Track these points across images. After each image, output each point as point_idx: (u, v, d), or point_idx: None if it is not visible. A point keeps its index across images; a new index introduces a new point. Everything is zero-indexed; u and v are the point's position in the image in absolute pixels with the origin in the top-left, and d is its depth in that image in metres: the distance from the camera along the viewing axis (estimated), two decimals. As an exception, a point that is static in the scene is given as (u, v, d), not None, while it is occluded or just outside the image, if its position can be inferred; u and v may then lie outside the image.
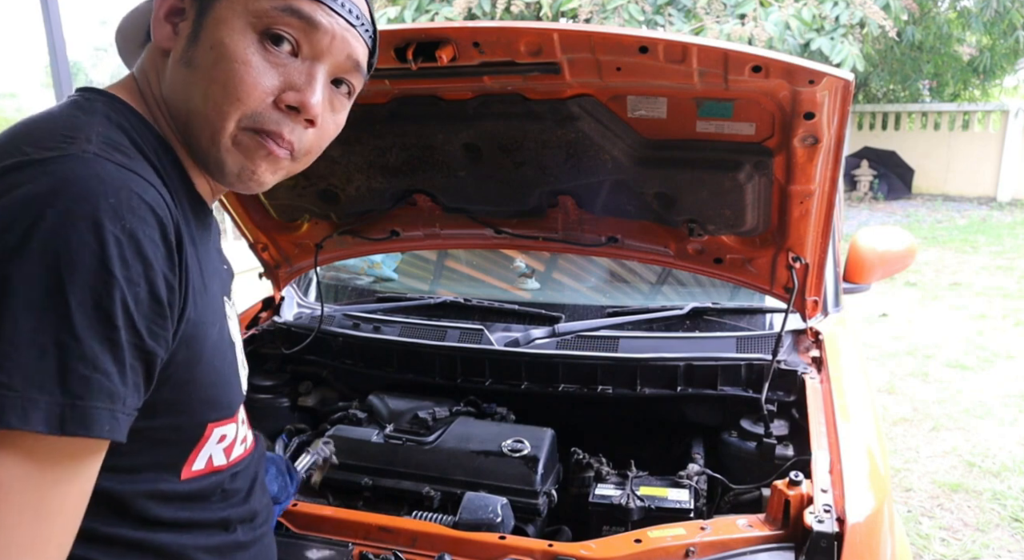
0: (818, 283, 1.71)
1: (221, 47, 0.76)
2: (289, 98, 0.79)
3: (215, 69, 0.76)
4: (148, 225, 0.66)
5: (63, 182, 0.62)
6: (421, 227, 1.93)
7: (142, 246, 0.65)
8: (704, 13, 5.48)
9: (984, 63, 10.32)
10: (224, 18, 0.76)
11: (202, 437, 0.81)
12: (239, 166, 0.81)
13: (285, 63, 0.79)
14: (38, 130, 0.70)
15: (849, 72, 1.24)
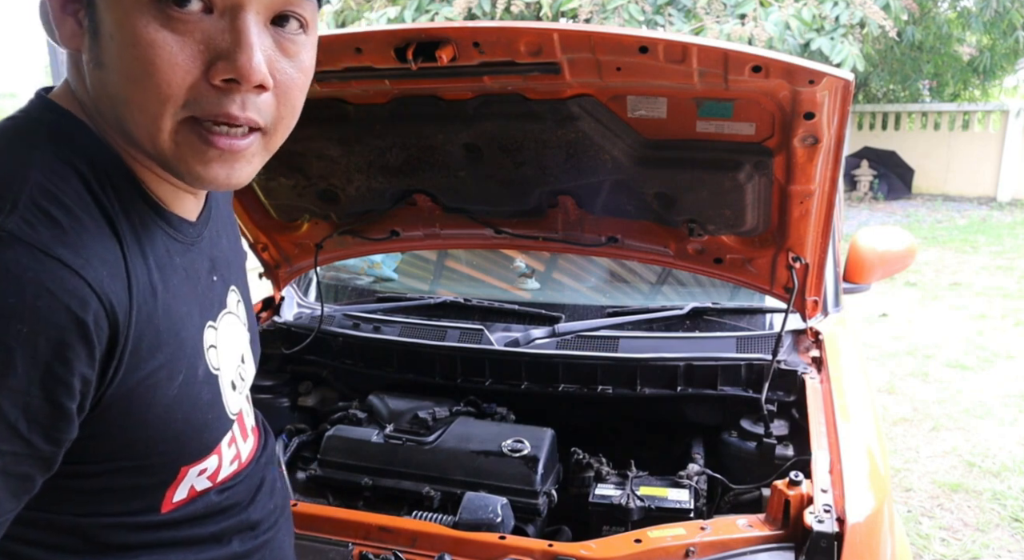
0: (818, 283, 1.71)
1: (120, 34, 0.62)
2: (220, 71, 0.64)
3: (124, 64, 0.63)
4: (55, 327, 0.59)
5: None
6: (421, 227, 1.93)
7: (38, 351, 0.58)
8: (704, 13, 5.48)
9: (984, 63, 10.31)
10: (118, 3, 0.62)
11: (175, 480, 0.76)
12: (196, 169, 0.68)
13: (201, 26, 0.63)
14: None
15: (849, 72, 1.24)
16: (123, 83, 0.64)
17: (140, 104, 0.64)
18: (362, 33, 1.37)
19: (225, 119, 0.66)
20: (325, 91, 1.51)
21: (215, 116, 0.66)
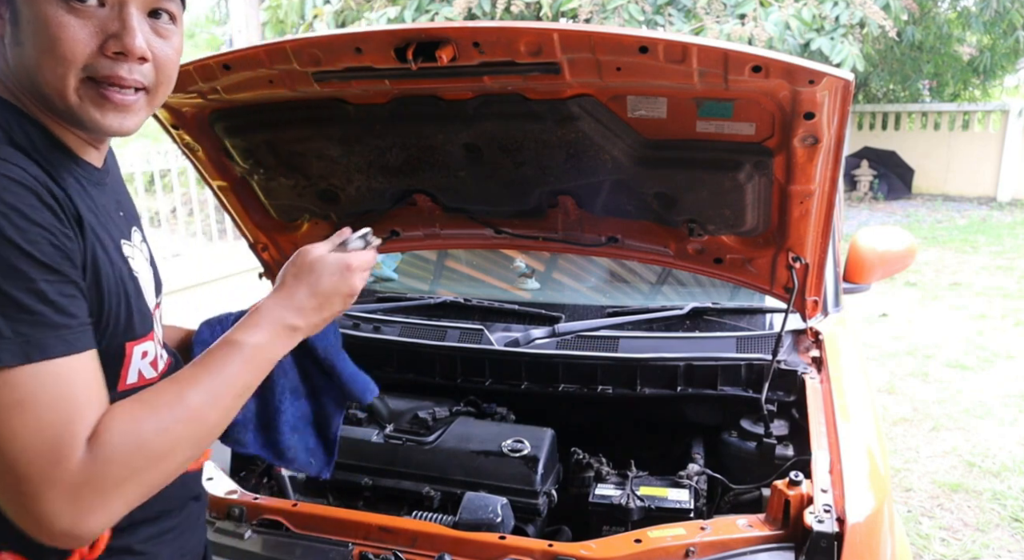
0: (818, 283, 1.71)
1: (36, 20, 0.84)
2: (111, 46, 0.86)
3: (38, 40, 0.84)
4: (25, 197, 0.79)
5: None
6: (421, 227, 1.93)
7: (26, 213, 0.78)
8: (704, 13, 5.48)
9: (984, 63, 10.30)
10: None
11: (125, 356, 0.92)
12: (96, 117, 0.88)
13: (95, 15, 0.85)
14: None
15: (849, 72, 1.24)
16: (37, 54, 0.85)
17: (51, 68, 0.85)
18: (362, 33, 1.37)
19: (117, 81, 0.88)
20: (325, 91, 1.50)
21: (109, 78, 0.87)
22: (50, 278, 0.78)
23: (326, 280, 1.04)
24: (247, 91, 1.54)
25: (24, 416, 0.75)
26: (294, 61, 1.41)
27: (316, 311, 1.03)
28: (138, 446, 0.81)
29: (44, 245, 0.78)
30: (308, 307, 1.03)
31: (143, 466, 0.81)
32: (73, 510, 0.75)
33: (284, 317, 1.00)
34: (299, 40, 1.40)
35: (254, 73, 1.48)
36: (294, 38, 1.40)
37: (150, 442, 0.82)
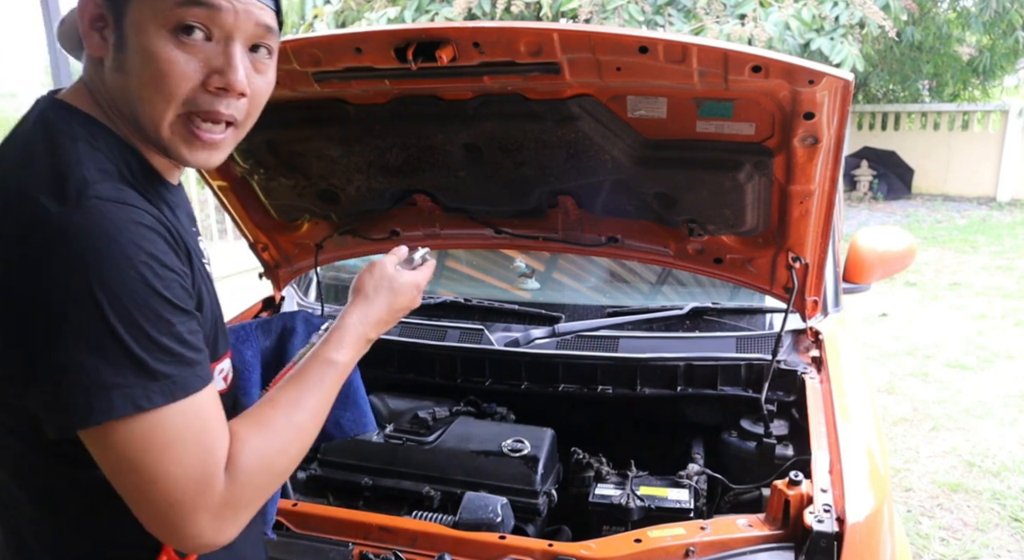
0: (818, 283, 1.71)
1: (144, 52, 0.84)
2: (215, 82, 0.87)
3: (144, 72, 0.85)
4: (158, 243, 0.82)
5: (92, 237, 0.78)
6: (421, 227, 1.93)
7: (161, 259, 0.82)
8: (704, 13, 5.48)
9: (984, 63, 10.30)
10: (138, 23, 0.84)
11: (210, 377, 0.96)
12: (183, 153, 0.91)
13: (202, 49, 0.86)
14: (39, 169, 0.83)
15: (849, 72, 1.24)
16: (140, 86, 0.86)
17: (153, 101, 0.86)
18: (362, 33, 1.37)
19: (213, 116, 0.89)
20: (325, 91, 1.50)
21: (207, 113, 0.89)
22: (183, 319, 0.83)
23: (402, 298, 1.13)
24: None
25: (174, 452, 0.80)
26: (294, 61, 1.41)
27: (388, 324, 1.13)
28: (266, 468, 0.88)
29: (176, 288, 0.83)
30: (384, 321, 1.11)
31: (268, 483, 0.89)
32: (216, 527, 0.83)
33: (366, 332, 1.08)
34: (299, 40, 1.40)
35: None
36: (294, 38, 1.40)
37: (274, 463, 0.89)
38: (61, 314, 0.77)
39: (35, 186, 0.81)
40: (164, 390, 0.80)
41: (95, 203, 0.79)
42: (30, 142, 0.87)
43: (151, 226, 0.82)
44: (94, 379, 0.77)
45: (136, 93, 0.86)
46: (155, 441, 0.79)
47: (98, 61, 0.89)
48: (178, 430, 0.80)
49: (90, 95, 0.91)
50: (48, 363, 0.78)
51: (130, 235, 0.79)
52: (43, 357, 0.78)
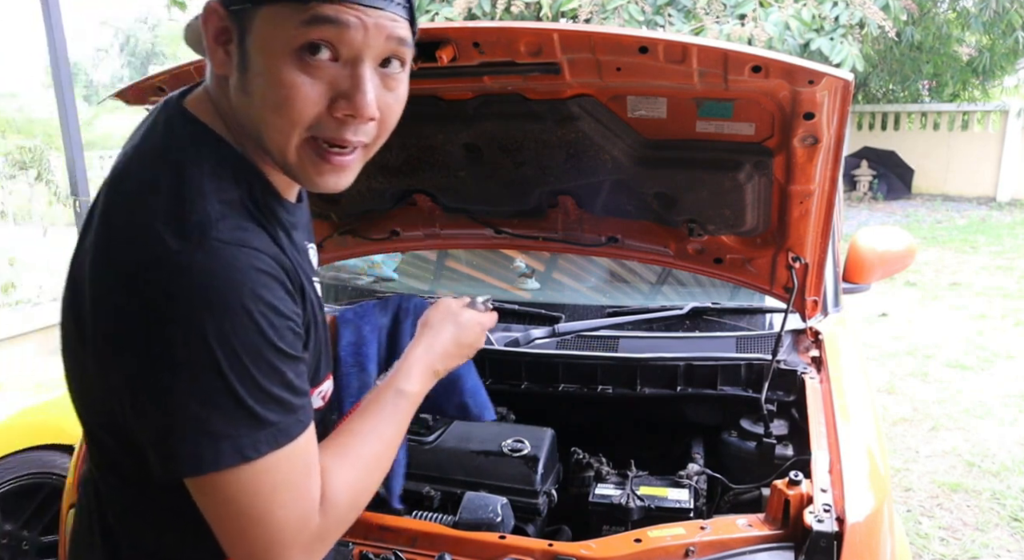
0: (818, 283, 1.71)
1: (267, 74, 0.80)
2: (342, 109, 0.82)
3: (267, 96, 0.81)
4: (276, 290, 0.81)
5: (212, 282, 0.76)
6: (421, 227, 1.93)
7: (279, 308, 0.80)
8: (704, 13, 5.47)
9: (984, 63, 10.29)
10: (262, 43, 0.79)
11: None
12: (312, 177, 0.88)
13: (328, 71, 0.81)
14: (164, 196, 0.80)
15: (849, 72, 1.24)
16: (265, 110, 0.82)
17: (277, 127, 0.82)
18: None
19: (341, 143, 0.85)
20: (325, 91, 1.50)
21: (332, 139, 0.85)
22: (292, 366, 0.82)
23: (467, 333, 1.16)
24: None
25: (278, 496, 0.80)
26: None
27: (454, 359, 1.15)
28: (353, 501, 0.90)
29: (289, 337, 0.82)
30: (450, 354, 1.13)
31: (352, 513, 0.91)
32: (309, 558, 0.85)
33: (433, 363, 1.10)
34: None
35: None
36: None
37: (359, 495, 0.91)
38: (175, 359, 0.76)
39: (159, 215, 0.79)
40: (270, 438, 0.79)
41: (217, 245, 0.77)
42: (157, 159, 0.84)
43: (270, 272, 0.81)
44: (204, 429, 0.76)
45: (260, 117, 0.82)
46: (260, 487, 0.79)
47: (223, 78, 0.84)
48: (282, 475, 0.80)
49: (215, 109, 0.87)
50: (159, 405, 0.77)
51: (251, 284, 0.78)
52: (154, 397, 0.77)
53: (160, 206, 0.79)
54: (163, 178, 0.82)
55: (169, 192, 0.80)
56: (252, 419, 0.78)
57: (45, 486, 2.36)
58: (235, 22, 0.80)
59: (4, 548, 2.31)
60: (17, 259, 5.69)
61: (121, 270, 0.78)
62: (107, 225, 0.82)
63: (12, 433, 2.32)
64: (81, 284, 0.84)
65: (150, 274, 0.76)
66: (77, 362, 0.88)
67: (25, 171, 6.93)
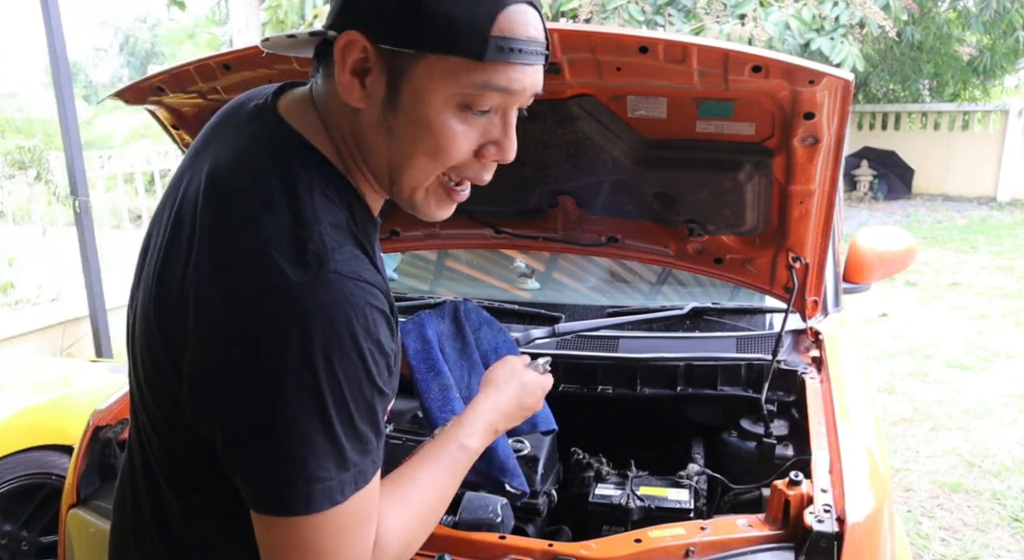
0: (818, 283, 1.71)
1: (425, 121, 0.80)
2: (492, 154, 0.86)
3: (421, 141, 0.81)
4: (384, 327, 0.80)
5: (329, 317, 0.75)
6: (421, 227, 1.93)
7: (383, 345, 0.80)
8: (704, 13, 5.48)
9: (984, 63, 10.29)
10: (423, 91, 0.79)
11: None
12: (432, 210, 0.90)
13: (480, 121, 0.83)
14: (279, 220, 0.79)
15: (849, 72, 1.24)
16: (416, 152, 0.82)
17: (425, 167, 0.84)
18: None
19: (477, 182, 0.89)
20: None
21: (472, 179, 0.89)
22: (383, 402, 0.82)
23: (530, 396, 1.17)
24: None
25: (343, 537, 0.79)
26: (294, 61, 1.41)
27: (514, 419, 1.15)
28: (404, 547, 0.88)
29: (386, 373, 0.82)
30: (512, 415, 1.14)
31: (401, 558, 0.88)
32: None
33: (495, 422, 1.10)
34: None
35: (254, 73, 1.48)
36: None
37: (410, 542, 0.89)
38: (282, 394, 0.74)
39: (274, 241, 0.77)
40: (351, 482, 0.78)
41: (335, 279, 0.76)
42: (265, 176, 0.82)
43: (381, 308, 0.80)
44: (299, 470, 0.75)
45: (406, 156, 0.83)
46: (330, 530, 0.78)
47: (352, 109, 0.83)
48: (352, 516, 0.79)
49: (323, 129, 0.86)
50: (256, 436, 0.76)
51: (364, 321, 0.77)
52: (253, 430, 0.76)
53: (275, 231, 0.78)
54: (276, 199, 0.80)
55: (284, 214, 0.79)
56: (341, 460, 0.77)
57: (45, 486, 2.36)
58: (386, 61, 0.79)
59: (4, 548, 2.31)
60: (16, 259, 5.69)
61: (235, 295, 0.77)
62: (217, 242, 0.80)
63: (12, 433, 2.32)
64: (175, 294, 0.82)
65: (266, 303, 0.75)
66: (158, 370, 0.86)
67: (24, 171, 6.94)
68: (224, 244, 0.80)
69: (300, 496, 0.75)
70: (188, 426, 0.84)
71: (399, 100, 0.80)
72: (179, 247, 0.84)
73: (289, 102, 0.88)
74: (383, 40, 0.78)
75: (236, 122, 0.90)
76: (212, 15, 13.66)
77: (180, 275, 0.82)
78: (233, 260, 0.78)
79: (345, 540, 0.79)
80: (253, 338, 0.75)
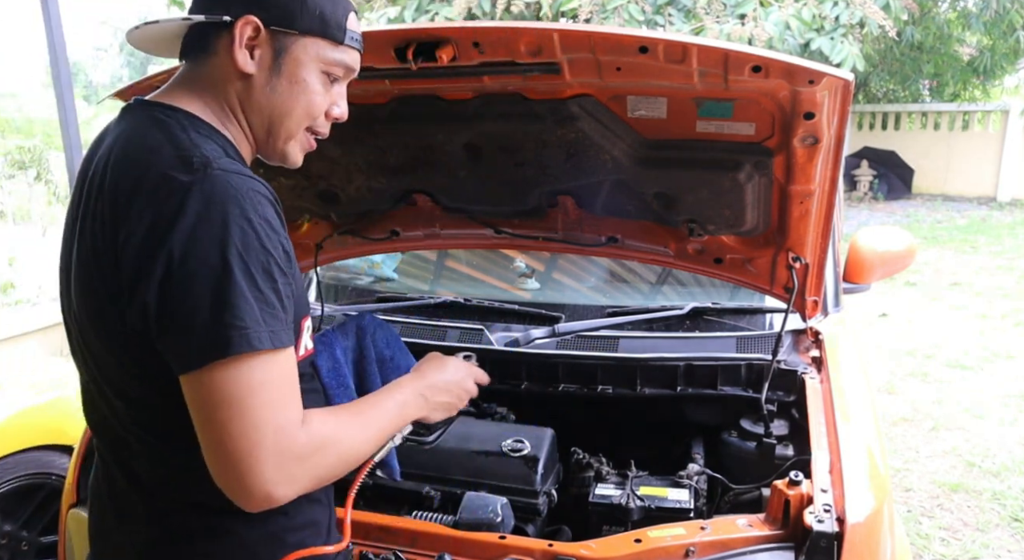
0: (818, 283, 1.71)
1: (303, 83, 1.06)
2: (335, 113, 1.12)
3: (296, 97, 1.06)
4: (269, 208, 0.96)
5: (215, 196, 0.92)
6: (421, 227, 1.93)
7: (272, 224, 0.95)
8: (704, 13, 5.47)
9: (984, 63, 10.30)
10: (301, 60, 1.05)
11: (300, 330, 1.06)
12: (295, 155, 1.13)
13: (333, 89, 1.11)
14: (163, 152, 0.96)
15: (849, 72, 1.24)
16: (291, 107, 1.07)
17: (297, 119, 1.08)
18: (362, 33, 1.37)
19: (321, 134, 1.14)
20: (325, 91, 1.50)
21: (319, 132, 1.13)
22: (284, 280, 0.96)
23: (451, 373, 1.31)
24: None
25: (264, 395, 0.90)
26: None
27: (440, 392, 1.27)
28: (334, 449, 0.99)
29: (280, 251, 0.95)
30: (436, 387, 1.27)
31: (329, 463, 0.99)
32: (280, 479, 0.91)
33: (418, 388, 1.24)
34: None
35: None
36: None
37: (339, 447, 1.00)
38: (192, 266, 0.89)
39: (164, 163, 0.94)
40: (268, 338, 0.90)
41: (220, 174, 0.93)
42: (146, 134, 0.99)
43: (264, 194, 0.96)
44: (217, 319, 0.88)
45: (283, 110, 1.06)
46: (252, 382, 0.89)
47: (239, 75, 1.04)
48: (270, 376, 0.91)
49: (194, 97, 1.05)
50: (177, 302, 0.89)
51: (251, 201, 0.93)
52: (172, 295, 0.90)
53: (163, 157, 0.95)
54: (159, 141, 0.97)
55: (167, 148, 0.96)
56: (252, 315, 0.90)
57: (45, 486, 2.36)
58: (273, 39, 1.03)
59: (4, 548, 2.31)
60: (16, 259, 5.69)
61: (142, 214, 0.92)
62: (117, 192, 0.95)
63: (12, 433, 2.32)
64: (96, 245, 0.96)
65: (167, 204, 0.90)
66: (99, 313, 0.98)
67: (24, 171, 6.93)
68: (123, 188, 0.96)
69: (220, 340, 0.88)
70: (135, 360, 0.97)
71: (282, 68, 1.05)
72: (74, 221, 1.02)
73: (157, 95, 1.07)
74: (274, 23, 1.03)
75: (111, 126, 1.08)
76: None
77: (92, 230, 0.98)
78: (137, 192, 0.94)
79: (268, 399, 0.90)
80: (159, 230, 0.90)
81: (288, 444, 0.91)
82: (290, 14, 1.03)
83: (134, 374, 0.99)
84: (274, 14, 1.03)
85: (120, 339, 0.97)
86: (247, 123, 1.08)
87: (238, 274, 0.90)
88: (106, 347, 1.00)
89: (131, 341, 0.95)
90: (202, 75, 1.06)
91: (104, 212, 0.96)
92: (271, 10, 1.03)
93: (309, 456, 0.94)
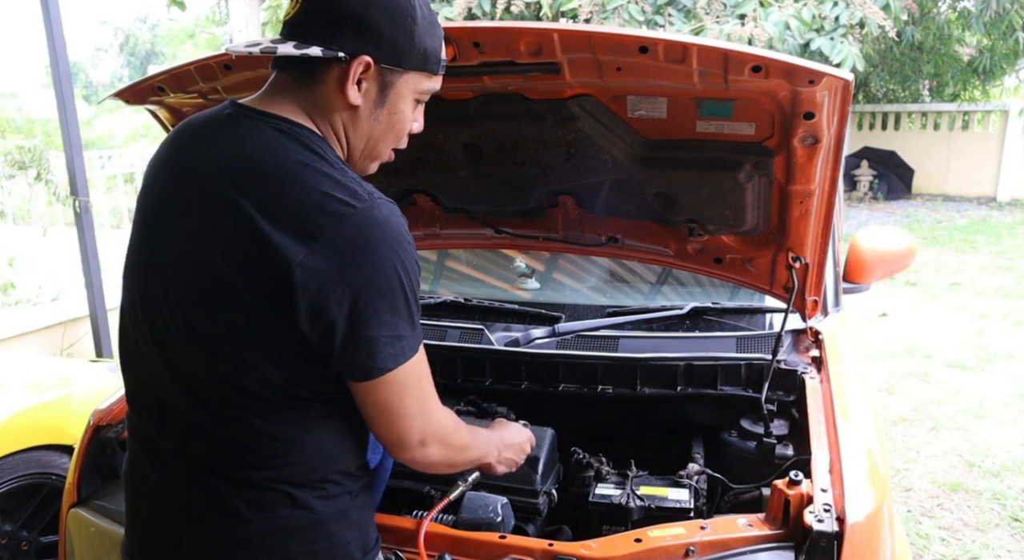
0: (818, 283, 1.71)
1: (400, 114, 1.17)
2: (415, 129, 1.22)
3: (393, 126, 1.17)
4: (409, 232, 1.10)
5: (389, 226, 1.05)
6: (421, 227, 1.93)
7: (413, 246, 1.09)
8: (704, 13, 5.47)
9: (984, 64, 10.29)
10: (402, 94, 1.15)
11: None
12: (375, 167, 1.23)
13: (417, 110, 1.21)
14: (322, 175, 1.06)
15: (849, 72, 1.24)
16: (385, 133, 1.18)
17: (389, 143, 1.20)
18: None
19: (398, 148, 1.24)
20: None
21: (400, 147, 1.23)
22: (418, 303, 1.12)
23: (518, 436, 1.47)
24: (248, 91, 1.53)
25: (417, 388, 1.11)
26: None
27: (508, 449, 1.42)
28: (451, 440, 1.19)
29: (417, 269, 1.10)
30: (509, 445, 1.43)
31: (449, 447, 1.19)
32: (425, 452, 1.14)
33: (494, 440, 1.40)
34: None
35: (254, 73, 1.48)
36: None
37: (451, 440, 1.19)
38: (377, 292, 1.02)
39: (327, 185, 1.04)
40: (415, 344, 1.09)
41: (384, 203, 1.06)
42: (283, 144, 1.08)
43: (403, 219, 1.09)
44: (396, 334, 1.05)
45: (380, 136, 1.17)
46: (420, 373, 1.11)
47: (347, 105, 1.12)
48: (419, 371, 1.11)
49: (306, 116, 1.12)
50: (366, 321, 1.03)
51: (405, 229, 1.07)
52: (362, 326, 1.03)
53: (319, 176, 1.05)
54: (309, 158, 1.07)
55: (323, 167, 1.06)
56: (411, 326, 1.08)
57: (45, 486, 2.36)
58: (381, 74, 1.11)
59: (4, 548, 2.31)
60: (16, 259, 5.69)
61: (316, 235, 1.01)
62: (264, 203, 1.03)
63: (12, 433, 2.32)
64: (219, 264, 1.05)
65: (342, 229, 1.01)
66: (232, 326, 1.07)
67: (24, 171, 6.93)
68: (279, 195, 1.03)
69: (399, 351, 1.06)
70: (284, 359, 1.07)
71: (387, 100, 1.14)
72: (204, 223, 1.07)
73: (261, 104, 1.14)
74: (384, 61, 1.10)
75: (215, 126, 1.14)
76: (212, 15, 13.66)
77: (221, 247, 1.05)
78: (292, 208, 1.02)
79: (418, 391, 1.11)
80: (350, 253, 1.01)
81: (433, 429, 1.14)
82: (399, 53, 1.11)
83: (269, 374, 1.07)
84: (385, 52, 1.10)
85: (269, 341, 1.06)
86: (348, 145, 1.17)
87: (408, 293, 1.06)
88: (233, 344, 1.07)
89: (287, 347, 1.05)
90: (308, 98, 1.13)
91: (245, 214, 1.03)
92: (384, 48, 1.10)
93: (440, 438, 1.16)
